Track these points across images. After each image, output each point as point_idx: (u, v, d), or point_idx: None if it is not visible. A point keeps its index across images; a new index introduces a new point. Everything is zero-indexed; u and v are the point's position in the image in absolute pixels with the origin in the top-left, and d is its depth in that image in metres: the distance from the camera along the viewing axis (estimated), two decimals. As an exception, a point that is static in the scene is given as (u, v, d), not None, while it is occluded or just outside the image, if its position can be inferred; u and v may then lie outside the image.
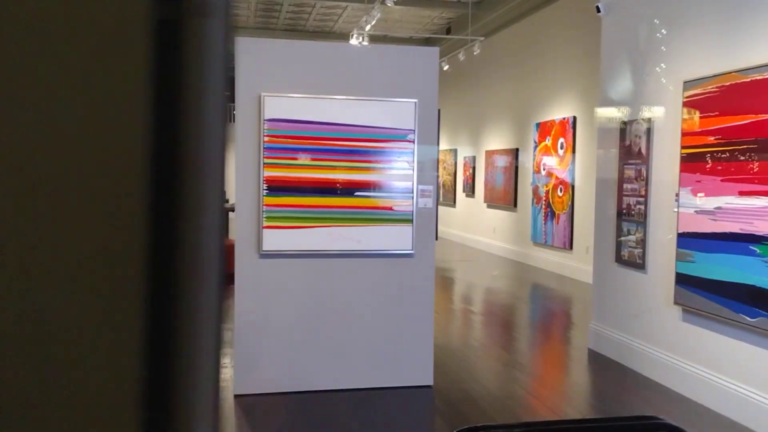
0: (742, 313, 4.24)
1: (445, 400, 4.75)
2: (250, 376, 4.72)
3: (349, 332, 4.85)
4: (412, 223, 4.88)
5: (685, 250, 4.75)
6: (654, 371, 5.20)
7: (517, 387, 5.05)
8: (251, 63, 4.62)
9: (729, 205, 4.35)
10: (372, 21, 10.04)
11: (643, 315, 5.39)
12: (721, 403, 4.48)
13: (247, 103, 4.61)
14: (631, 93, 5.61)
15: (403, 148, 4.83)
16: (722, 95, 4.45)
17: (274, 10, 15.06)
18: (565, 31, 10.89)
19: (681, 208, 4.81)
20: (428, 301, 4.99)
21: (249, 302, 4.69)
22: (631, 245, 5.51)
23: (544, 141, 11.48)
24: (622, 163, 5.66)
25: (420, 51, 4.84)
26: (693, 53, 4.85)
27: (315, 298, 4.79)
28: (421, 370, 5.00)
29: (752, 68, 4.19)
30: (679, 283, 4.82)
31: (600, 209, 6.13)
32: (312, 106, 4.67)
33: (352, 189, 4.76)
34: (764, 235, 4.06)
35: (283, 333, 4.76)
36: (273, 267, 4.71)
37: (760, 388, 4.16)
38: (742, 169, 4.24)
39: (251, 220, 4.66)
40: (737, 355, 4.37)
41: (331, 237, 4.75)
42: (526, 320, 7.68)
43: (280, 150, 4.65)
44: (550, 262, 11.29)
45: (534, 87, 12.12)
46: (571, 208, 10.56)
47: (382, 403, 4.66)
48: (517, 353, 6.09)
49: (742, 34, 4.37)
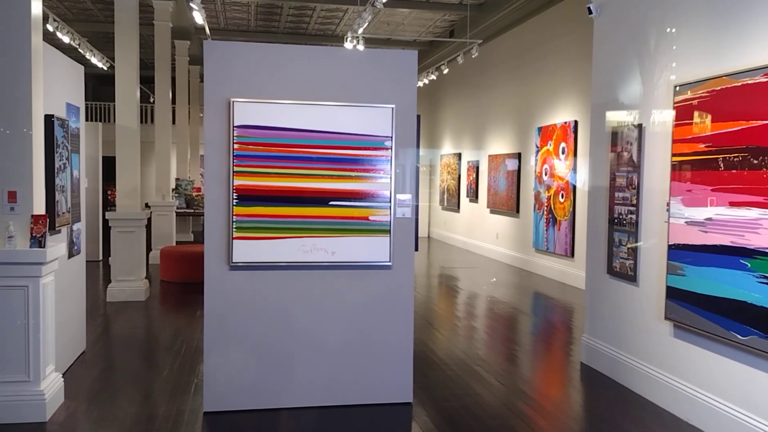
0: (733, 330, 4.00)
1: (425, 419, 4.54)
2: (220, 393, 4.53)
3: (324, 347, 4.66)
4: (390, 234, 4.68)
5: (676, 262, 4.51)
6: (646, 389, 4.96)
7: (501, 405, 4.83)
8: (220, 67, 4.45)
9: (719, 216, 4.11)
10: (364, 24, 9.84)
11: (634, 330, 5.15)
12: (716, 426, 4.24)
13: (216, 109, 4.44)
14: (623, 97, 5.38)
15: (379, 155, 4.63)
16: (713, 100, 4.22)
17: (275, 13, 14.93)
18: (565, 34, 10.66)
19: (671, 218, 4.57)
20: (407, 314, 4.79)
21: (218, 316, 4.52)
22: (623, 256, 5.27)
23: (546, 145, 11.24)
24: (614, 171, 5.43)
25: (398, 55, 4.64)
26: (684, 56, 4.62)
27: (287, 312, 4.61)
28: (399, 387, 4.80)
29: (743, 72, 3.95)
30: (670, 297, 4.58)
31: (592, 218, 5.91)
32: (284, 112, 4.49)
33: (326, 198, 4.57)
34: (756, 248, 3.82)
35: (255, 348, 4.58)
36: (243, 279, 4.53)
37: (755, 412, 3.92)
38: (733, 179, 4.01)
39: (221, 230, 4.49)
40: (729, 375, 4.13)
41: (304, 248, 4.56)
42: (519, 332, 7.45)
43: (251, 158, 4.47)
44: (551, 269, 11.05)
45: (536, 90, 11.89)
46: (573, 214, 10.32)
47: (359, 422, 4.46)
48: (506, 368, 5.87)
49: (733, 36, 4.14)
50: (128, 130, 8.35)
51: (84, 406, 4.71)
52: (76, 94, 5.81)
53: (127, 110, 8.38)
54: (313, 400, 4.67)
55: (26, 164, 4.34)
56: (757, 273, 3.81)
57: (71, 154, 5.42)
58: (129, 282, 8.44)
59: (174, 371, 5.52)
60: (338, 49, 4.86)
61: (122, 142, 8.34)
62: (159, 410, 4.65)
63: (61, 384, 4.68)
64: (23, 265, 4.29)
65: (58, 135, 4.98)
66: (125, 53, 8.37)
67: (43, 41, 4.60)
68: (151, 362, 5.92)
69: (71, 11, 15.10)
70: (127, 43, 8.37)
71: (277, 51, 4.59)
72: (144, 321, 7.59)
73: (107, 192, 12.73)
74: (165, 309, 8.35)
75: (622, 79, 5.39)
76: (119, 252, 8.40)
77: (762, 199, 3.79)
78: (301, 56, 4.59)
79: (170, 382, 5.22)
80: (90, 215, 11.44)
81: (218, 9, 14.67)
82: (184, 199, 14.85)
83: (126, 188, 8.40)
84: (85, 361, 5.79)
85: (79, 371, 5.48)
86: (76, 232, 5.74)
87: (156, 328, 7.35)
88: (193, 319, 7.34)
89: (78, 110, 5.77)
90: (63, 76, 5.44)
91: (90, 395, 4.93)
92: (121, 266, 8.42)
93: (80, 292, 6.07)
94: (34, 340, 4.34)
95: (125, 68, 8.38)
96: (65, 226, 5.34)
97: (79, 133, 5.76)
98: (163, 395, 4.95)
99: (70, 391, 4.87)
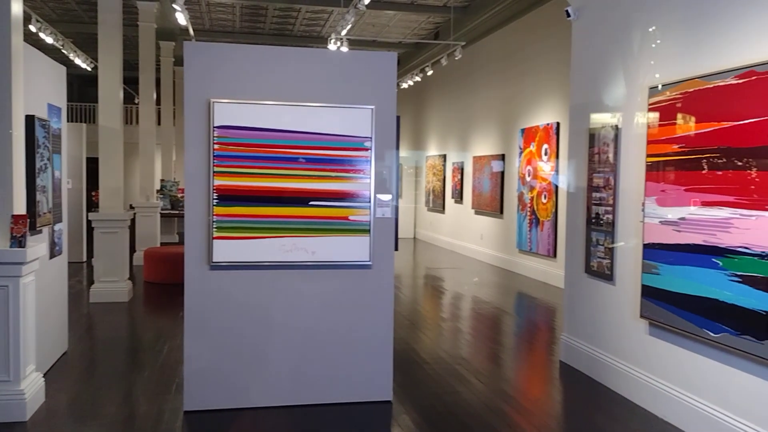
0: (706, 328, 4.08)
1: (404, 417, 4.58)
2: (200, 392, 4.56)
3: (304, 346, 4.70)
4: (370, 234, 4.72)
5: (651, 261, 4.59)
6: (622, 386, 5.03)
7: (481, 404, 4.88)
8: (200, 68, 4.47)
9: (692, 215, 4.19)
10: (347, 26, 9.89)
11: (611, 328, 5.23)
12: (690, 422, 4.31)
13: (196, 110, 4.46)
14: (600, 99, 5.46)
15: (359, 156, 4.68)
16: (686, 102, 4.30)
17: (260, 15, 14.94)
18: (548, 37, 10.76)
19: (646, 218, 4.65)
20: (387, 313, 4.84)
21: (199, 316, 4.54)
22: (600, 256, 5.35)
23: (529, 147, 11.33)
24: (591, 171, 5.51)
25: (378, 56, 4.69)
26: (658, 58, 4.70)
27: (268, 311, 4.64)
28: (379, 385, 4.84)
29: (715, 74, 4.04)
30: (645, 295, 4.66)
31: (571, 218, 5.98)
32: (264, 112, 4.52)
33: (306, 198, 4.61)
34: (727, 247, 3.90)
35: (235, 347, 4.60)
36: (224, 279, 4.56)
37: (727, 408, 3.99)
38: (706, 179, 4.09)
39: (201, 230, 4.51)
40: (703, 372, 4.21)
41: (284, 248, 4.60)
42: (502, 331, 7.51)
43: (231, 158, 4.50)
44: (535, 269, 11.13)
45: (519, 92, 11.98)
46: (555, 215, 10.40)
47: (339, 420, 4.50)
48: (487, 367, 5.93)
49: (706, 39, 4.22)
50: (111, 131, 8.35)
51: (65, 405, 4.72)
52: (58, 94, 5.81)
53: (110, 111, 8.37)
54: (294, 398, 4.70)
55: (6, 164, 4.35)
56: (729, 271, 3.89)
57: (52, 155, 5.42)
58: (112, 283, 8.43)
59: (156, 371, 5.53)
60: (318, 51, 4.90)
61: (105, 142, 8.34)
62: (140, 409, 4.67)
63: (41, 384, 4.68)
64: (3, 265, 4.30)
65: (39, 135, 4.99)
66: (108, 54, 8.37)
67: (25, 42, 4.61)
68: (132, 362, 5.93)
69: (55, 12, 15.04)
70: (110, 43, 8.37)
71: (257, 52, 4.63)
72: (126, 321, 7.59)
73: (91, 193, 12.67)
74: (148, 310, 8.34)
75: (599, 82, 5.47)
76: (102, 253, 8.39)
77: (733, 199, 3.87)
78: (281, 57, 4.63)
79: (151, 382, 5.24)
80: (74, 216, 11.41)
81: (203, 10, 14.67)
82: (169, 200, 14.82)
83: (109, 189, 8.40)
84: (67, 362, 5.79)
85: (61, 371, 5.48)
86: (58, 233, 5.75)
87: (138, 329, 7.35)
88: (175, 320, 7.35)
89: (60, 111, 5.77)
90: (44, 76, 5.44)
91: (71, 395, 4.93)
92: (104, 267, 8.41)
93: (62, 293, 6.07)
94: (14, 340, 4.35)
95: (108, 69, 8.38)
96: (46, 227, 5.34)
97: (60, 133, 5.76)
98: (144, 395, 4.97)
99: (51, 391, 4.87)
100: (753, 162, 3.72)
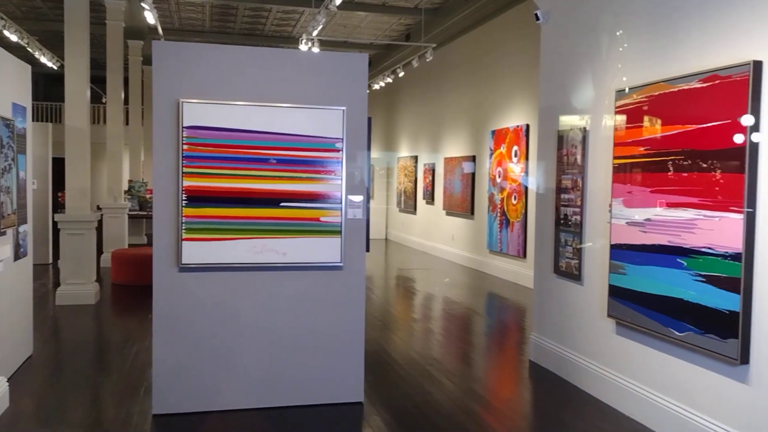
0: (671, 327, 4.15)
1: (375, 418, 4.59)
2: (170, 395, 4.51)
3: (275, 348, 4.68)
4: (341, 235, 4.72)
5: (618, 261, 4.66)
6: (591, 385, 5.10)
7: (451, 404, 4.91)
8: (169, 68, 4.43)
9: (658, 216, 4.27)
10: (318, 26, 9.87)
11: (579, 328, 5.30)
12: (657, 421, 4.38)
13: (164, 110, 4.42)
14: (568, 102, 5.53)
15: (330, 157, 4.67)
16: (652, 105, 4.37)
17: (231, 14, 14.84)
18: (517, 39, 10.86)
19: (613, 219, 4.72)
20: (358, 314, 4.84)
21: (168, 318, 4.49)
22: (569, 256, 5.41)
23: (499, 148, 11.42)
24: (560, 173, 5.57)
25: (349, 57, 4.69)
26: (625, 62, 4.78)
27: (238, 313, 4.61)
28: (351, 386, 4.84)
29: (679, 78, 4.11)
30: (612, 295, 4.73)
31: (540, 219, 6.05)
32: (234, 113, 4.49)
33: (277, 199, 4.59)
34: (691, 247, 3.98)
35: (205, 349, 4.57)
36: (193, 281, 4.52)
37: (692, 406, 4.07)
38: (671, 181, 4.16)
39: (170, 231, 4.47)
40: (668, 370, 4.28)
41: (255, 249, 4.57)
42: (472, 332, 7.56)
43: (201, 159, 4.46)
44: (505, 270, 11.22)
45: (489, 94, 12.07)
46: (525, 216, 10.50)
47: (310, 421, 4.49)
48: (458, 368, 5.96)
49: (672, 43, 4.30)
50: (77, 131, 8.22)
51: (30, 410, 4.63)
52: (23, 93, 5.71)
53: (77, 110, 8.24)
54: (264, 401, 4.68)
55: (-31, 164, 4.26)
56: (693, 271, 3.97)
57: (17, 155, 5.32)
58: (79, 285, 8.30)
59: (124, 374, 5.46)
60: (289, 51, 4.89)
61: (71, 142, 8.20)
62: (107, 413, 4.61)
63: (5, 388, 4.60)
64: (-35, 268, 4.21)
65: (2, 135, 4.90)
66: (75, 52, 8.24)
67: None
68: (100, 365, 5.85)
69: (20, 9, 14.76)
70: (77, 42, 8.24)
71: (227, 52, 4.60)
72: (94, 324, 7.48)
73: (57, 194, 12.44)
74: (116, 312, 8.23)
75: (567, 84, 5.54)
76: (69, 255, 8.25)
77: (697, 200, 3.95)
78: (251, 58, 4.60)
79: (120, 385, 5.17)
80: (39, 218, 11.21)
81: (172, 9, 14.52)
82: (138, 201, 14.64)
83: (75, 190, 8.26)
84: (32, 365, 5.68)
85: (26, 375, 5.38)
86: (23, 234, 5.64)
87: (106, 332, 7.25)
88: (144, 322, 7.26)
89: (24, 110, 5.67)
90: (8, 75, 5.34)
91: (37, 399, 4.85)
92: (70, 269, 8.28)
93: (27, 295, 5.96)
94: (-23, 344, 4.26)
95: (75, 67, 8.24)
96: (11, 228, 5.24)
97: (25, 133, 5.66)
98: (113, 398, 4.90)
99: (15, 395, 4.78)
100: (717, 164, 3.80)
